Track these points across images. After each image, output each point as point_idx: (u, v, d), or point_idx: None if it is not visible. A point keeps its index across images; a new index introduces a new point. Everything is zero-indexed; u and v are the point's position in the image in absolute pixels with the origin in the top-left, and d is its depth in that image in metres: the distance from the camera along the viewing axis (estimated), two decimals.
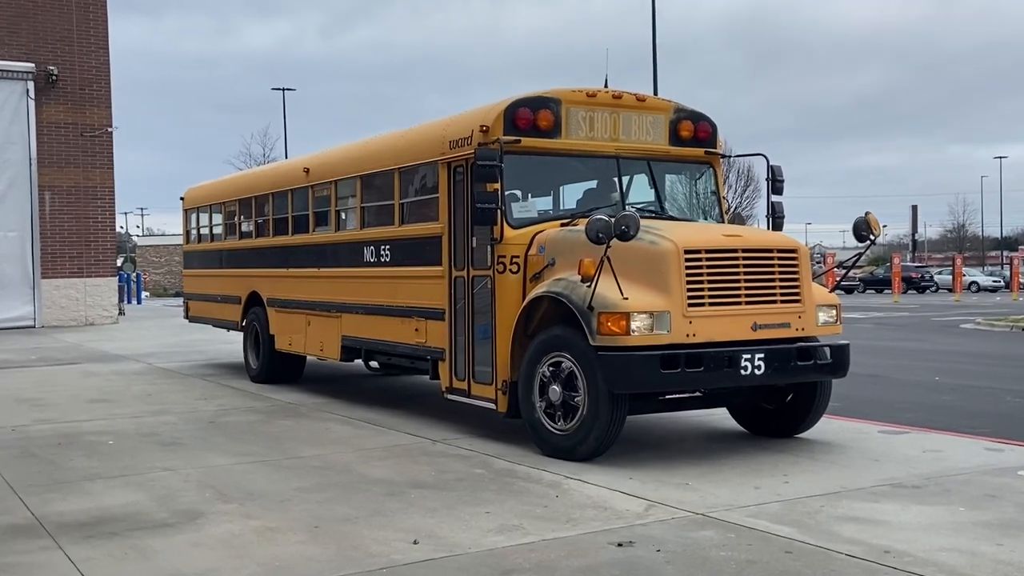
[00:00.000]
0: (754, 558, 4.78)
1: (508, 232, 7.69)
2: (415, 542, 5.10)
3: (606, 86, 8.41)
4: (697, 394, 7.63)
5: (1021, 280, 43.43)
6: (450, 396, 8.44)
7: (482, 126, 7.80)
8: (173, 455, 7.60)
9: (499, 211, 7.51)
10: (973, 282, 57.13)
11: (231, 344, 16.79)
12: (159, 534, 5.34)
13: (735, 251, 7.05)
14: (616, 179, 8.29)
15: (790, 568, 4.63)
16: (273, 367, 12.03)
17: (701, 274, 6.86)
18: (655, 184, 8.58)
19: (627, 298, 6.67)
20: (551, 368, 7.13)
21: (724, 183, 9.14)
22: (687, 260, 6.81)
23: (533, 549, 4.96)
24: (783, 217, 8.83)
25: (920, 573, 4.51)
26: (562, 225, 7.80)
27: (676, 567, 4.67)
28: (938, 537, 5.10)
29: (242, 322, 12.94)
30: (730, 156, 8.98)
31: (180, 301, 21.26)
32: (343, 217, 10.65)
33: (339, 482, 6.59)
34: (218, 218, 14.36)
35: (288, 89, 54.09)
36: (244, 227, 13.36)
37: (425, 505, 5.90)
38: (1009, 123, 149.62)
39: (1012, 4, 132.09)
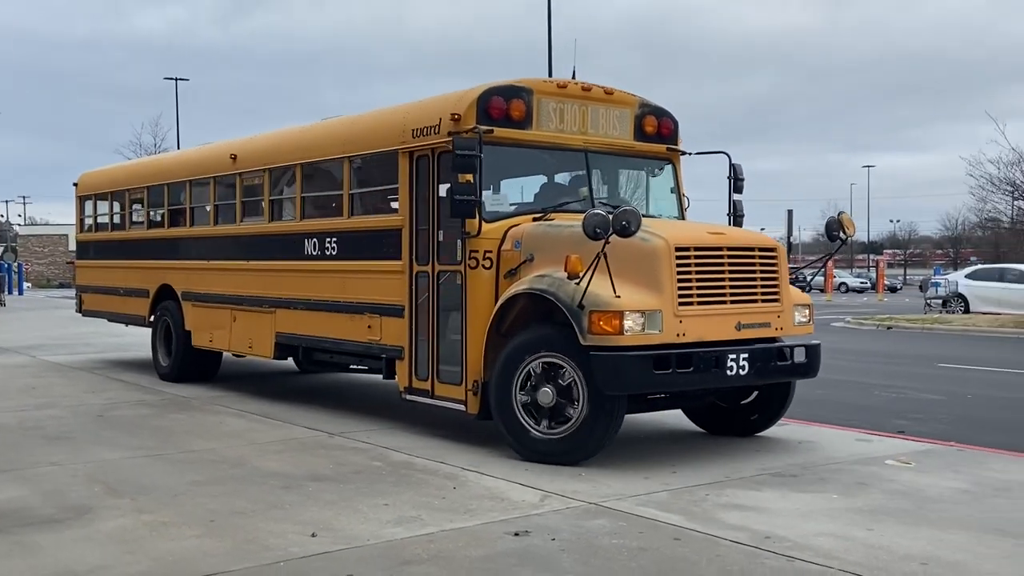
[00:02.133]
0: (645, 545, 4.88)
1: (482, 226, 7.21)
2: (313, 535, 5.01)
3: (574, 78, 8.04)
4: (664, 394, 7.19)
5: (886, 282, 45.67)
6: (409, 397, 7.84)
7: (453, 114, 7.36)
8: (60, 449, 7.25)
9: (477, 204, 7.05)
10: (843, 283, 59.87)
11: (120, 337, 16.16)
12: (46, 530, 5.09)
13: (721, 249, 6.85)
14: (585, 173, 7.97)
15: (679, 554, 4.74)
16: (188, 364, 11.18)
17: (690, 273, 6.63)
18: (620, 180, 8.39)
19: (619, 296, 6.35)
20: (538, 369, 6.71)
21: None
22: (678, 258, 6.57)
23: (432, 540, 4.94)
24: (743, 216, 8.70)
25: (798, 557, 4.68)
26: (535, 220, 7.37)
27: (571, 555, 4.72)
28: (814, 523, 5.31)
29: (150, 317, 12.02)
30: (691, 153, 8.75)
31: (65, 293, 20.27)
32: (279, 208, 9.92)
33: (234, 476, 6.41)
34: (120, 206, 13.25)
35: (181, 79, 52.18)
36: (154, 216, 12.44)
37: (323, 498, 5.80)
38: (880, 133, 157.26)
39: (896, 18, 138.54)
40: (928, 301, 28.58)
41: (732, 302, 6.85)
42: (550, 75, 25.84)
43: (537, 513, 5.48)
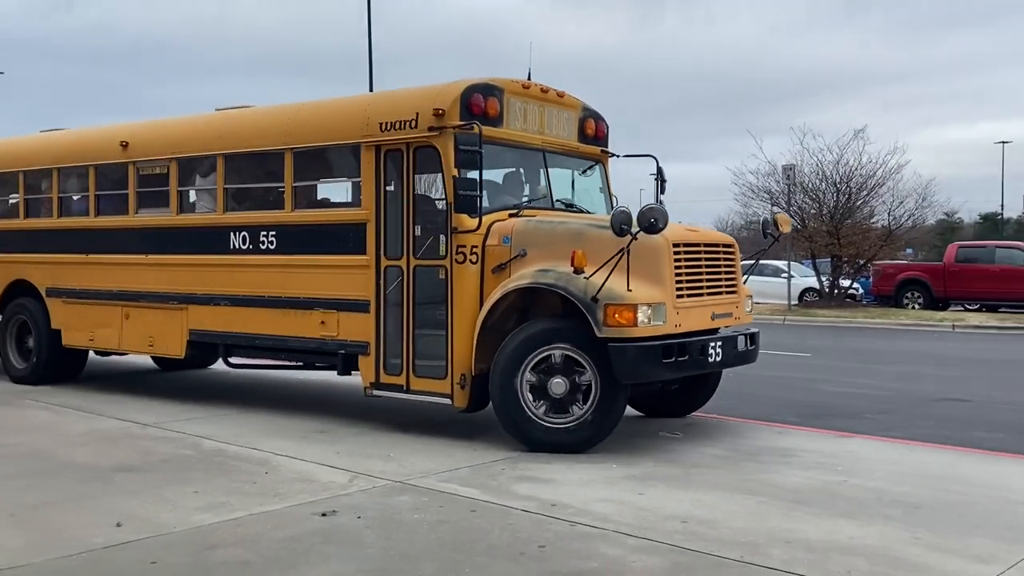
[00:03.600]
0: (444, 518, 5.20)
1: (470, 222, 7.13)
2: (119, 524, 5.01)
3: (529, 77, 8.08)
4: None
5: None
6: (378, 392, 7.63)
7: (436, 109, 7.25)
8: None
9: (479, 199, 7.06)
10: None
11: None
12: None
13: (700, 245, 7.22)
14: (544, 171, 8.16)
15: (475, 525, 5.10)
16: (54, 365, 10.33)
17: (682, 267, 6.93)
18: (565, 178, 8.54)
19: (631, 290, 6.53)
20: (546, 361, 6.76)
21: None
22: (674, 254, 6.85)
23: (239, 524, 5.06)
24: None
25: (579, 521, 5.14)
26: (512, 216, 7.42)
27: (374, 531, 4.97)
28: (595, 490, 5.81)
29: None
30: (619, 156, 8.91)
31: None
32: (190, 200, 9.31)
33: (37, 468, 6.25)
34: None
35: None
36: (4, 206, 11.25)
37: (129, 488, 5.77)
38: (665, 144, 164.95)
39: (704, 38, 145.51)
40: None
41: (708, 294, 7.26)
42: (371, 79, 25.71)
43: (345, 493, 5.70)
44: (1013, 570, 4.42)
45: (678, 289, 6.88)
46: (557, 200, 8.16)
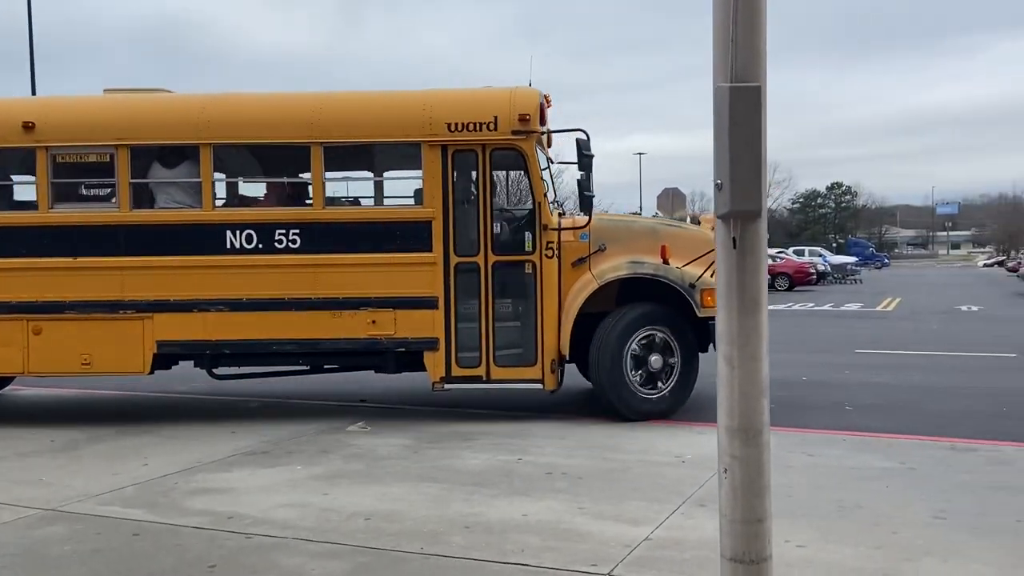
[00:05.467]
0: (101, 546, 4.61)
1: (554, 220, 7.81)
2: None
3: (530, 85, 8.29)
4: None
5: None
6: (450, 386, 7.75)
7: (523, 115, 7.66)
8: None
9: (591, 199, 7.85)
10: None
11: None
12: None
13: None
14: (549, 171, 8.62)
15: (137, 550, 4.56)
16: None
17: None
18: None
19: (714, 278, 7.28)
20: (644, 341, 7.74)
21: None
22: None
23: None
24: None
25: (256, 532, 4.78)
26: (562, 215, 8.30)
27: (15, 571, 4.27)
28: (277, 495, 5.47)
29: None
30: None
31: None
32: (147, 193, 7.98)
33: None
34: None
35: None
36: None
37: None
38: None
39: (406, 50, 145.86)
40: None
41: None
42: (32, 71, 23.07)
43: None
44: (661, 529, 4.76)
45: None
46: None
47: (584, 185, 7.85)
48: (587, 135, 7.86)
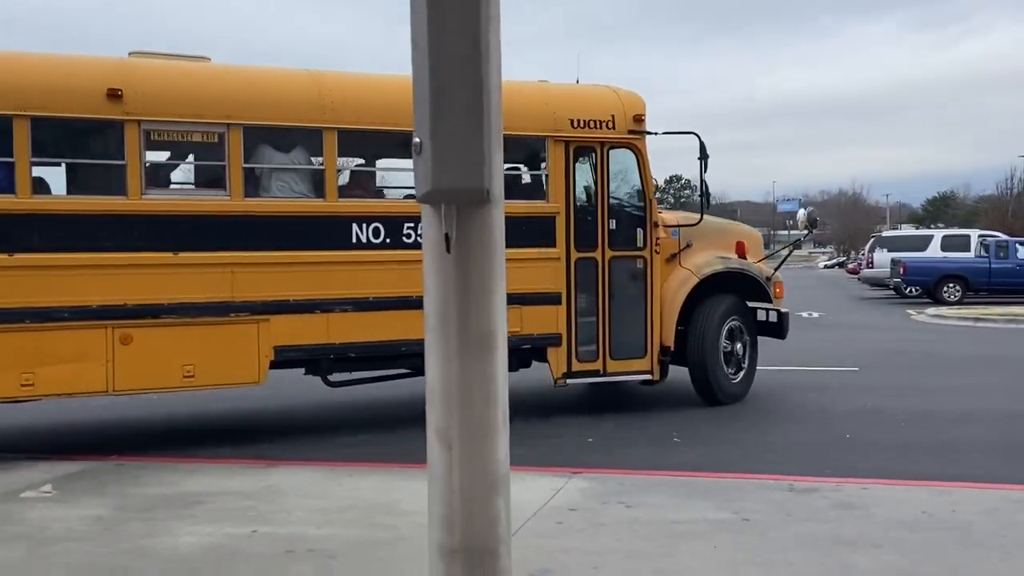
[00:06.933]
0: None
1: (663, 217, 8.33)
2: None
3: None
4: None
5: None
6: (571, 381, 7.87)
7: (638, 115, 8.03)
8: None
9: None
10: None
11: None
12: None
13: None
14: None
15: None
16: None
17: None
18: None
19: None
20: (727, 330, 8.44)
21: None
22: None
23: None
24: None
25: None
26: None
27: None
28: None
29: None
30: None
31: None
32: (258, 180, 7.08)
33: None
34: None
35: None
36: None
37: None
38: None
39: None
40: None
41: None
42: None
43: None
44: None
45: None
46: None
47: (702, 184, 8.37)
48: (700, 137, 8.25)
